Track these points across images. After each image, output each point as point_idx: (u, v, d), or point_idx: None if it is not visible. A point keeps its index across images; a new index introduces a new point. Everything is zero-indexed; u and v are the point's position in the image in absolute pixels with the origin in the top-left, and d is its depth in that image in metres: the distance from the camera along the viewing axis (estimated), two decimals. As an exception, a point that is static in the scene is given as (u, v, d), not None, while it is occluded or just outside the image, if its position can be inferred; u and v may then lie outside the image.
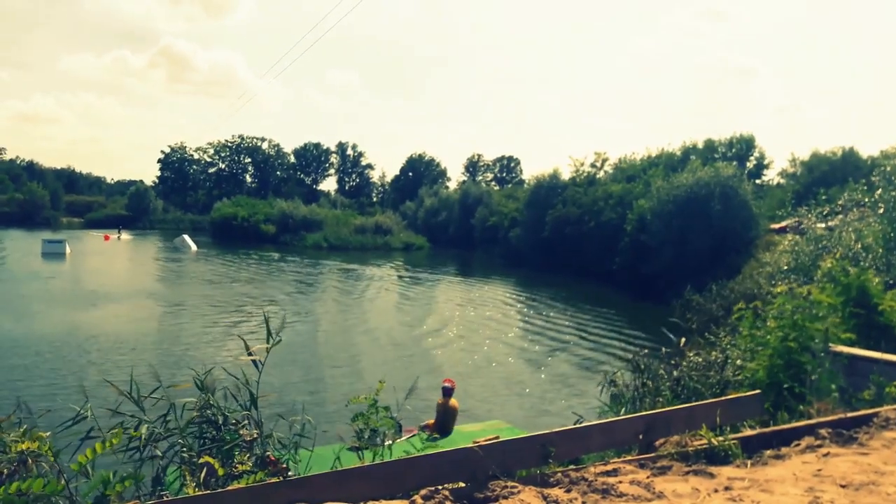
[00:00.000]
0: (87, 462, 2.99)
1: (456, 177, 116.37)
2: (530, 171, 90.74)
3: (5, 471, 3.54)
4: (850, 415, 4.50)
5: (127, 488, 3.26)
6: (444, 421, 11.51)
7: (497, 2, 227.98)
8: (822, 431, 4.12)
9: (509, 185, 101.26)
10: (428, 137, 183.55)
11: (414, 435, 11.07)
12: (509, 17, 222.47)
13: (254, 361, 4.45)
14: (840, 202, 21.66)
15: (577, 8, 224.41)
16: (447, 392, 11.71)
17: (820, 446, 3.95)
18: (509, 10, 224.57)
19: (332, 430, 7.03)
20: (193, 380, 4.44)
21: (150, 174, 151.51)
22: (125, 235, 75.29)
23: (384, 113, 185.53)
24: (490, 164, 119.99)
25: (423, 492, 3.15)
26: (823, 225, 21.25)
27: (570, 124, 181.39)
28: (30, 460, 3.48)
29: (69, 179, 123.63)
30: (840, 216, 20.40)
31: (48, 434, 3.33)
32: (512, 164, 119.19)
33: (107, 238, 66.50)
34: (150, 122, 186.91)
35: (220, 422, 4.20)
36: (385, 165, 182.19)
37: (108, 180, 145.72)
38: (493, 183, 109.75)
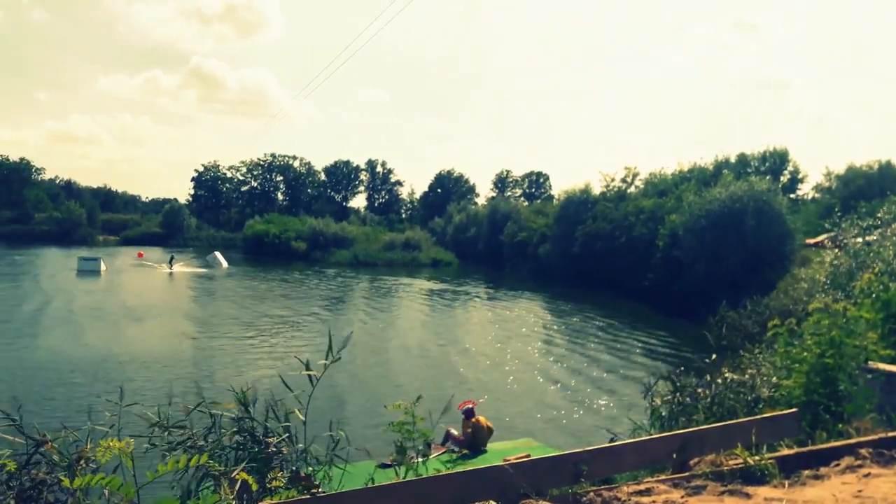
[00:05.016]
0: (161, 474, 3.03)
1: (485, 192, 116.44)
2: (559, 187, 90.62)
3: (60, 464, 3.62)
4: (890, 434, 4.39)
5: None
6: (474, 439, 11.46)
7: (524, 18, 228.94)
8: (863, 451, 4.02)
9: (538, 201, 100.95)
10: (456, 153, 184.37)
11: (444, 452, 11.05)
12: (536, 34, 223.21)
13: (309, 377, 4.49)
14: (879, 216, 21.22)
15: (606, 23, 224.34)
16: (469, 413, 11.69)
17: (860, 466, 3.86)
18: (536, 26, 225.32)
19: (363, 447, 7.03)
20: (237, 395, 4.48)
21: (183, 192, 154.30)
22: (180, 266, 57.43)
23: (413, 130, 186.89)
24: (519, 179, 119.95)
25: (454, 509, 3.15)
26: (861, 240, 20.81)
27: (599, 139, 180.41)
28: (82, 462, 3.56)
29: (105, 198, 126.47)
30: (879, 230, 19.96)
31: (133, 440, 3.40)
32: (541, 180, 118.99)
33: (140, 255, 67.52)
34: (184, 141, 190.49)
35: (260, 435, 4.23)
36: (414, 182, 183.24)
37: (143, 198, 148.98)
38: (521, 198, 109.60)
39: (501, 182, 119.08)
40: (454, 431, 11.59)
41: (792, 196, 53.64)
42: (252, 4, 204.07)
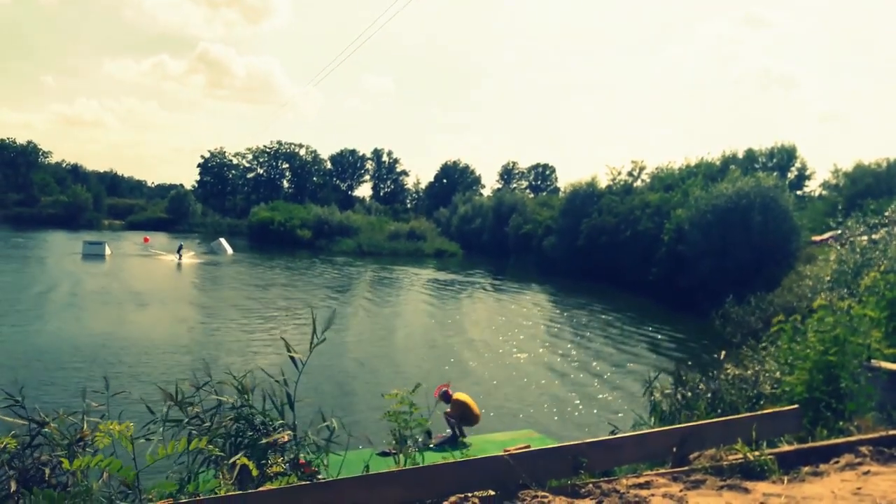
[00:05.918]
0: (161, 457, 3.05)
1: (490, 184, 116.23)
2: (565, 180, 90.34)
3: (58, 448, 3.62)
4: (891, 432, 4.38)
5: (208, 488, 3.32)
6: (463, 414, 11.57)
7: (532, 10, 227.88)
8: (863, 449, 4.02)
9: (544, 193, 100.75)
10: (463, 144, 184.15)
11: (445, 440, 11.11)
12: (544, 25, 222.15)
13: (293, 359, 4.49)
14: (887, 213, 21.14)
15: (615, 16, 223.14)
16: (446, 397, 11.76)
17: (860, 464, 3.85)
18: (544, 18, 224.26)
19: (363, 435, 7.04)
20: (234, 382, 4.49)
21: (189, 178, 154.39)
22: (189, 257, 53.42)
23: (419, 120, 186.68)
24: (525, 171, 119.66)
25: (452, 499, 3.16)
26: (867, 238, 20.73)
27: (606, 133, 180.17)
28: (82, 444, 3.57)
29: (112, 182, 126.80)
30: (885, 228, 19.89)
31: (132, 424, 3.41)
32: (547, 172, 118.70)
33: (146, 240, 67.62)
34: (190, 127, 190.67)
35: (258, 423, 4.25)
36: (419, 172, 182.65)
37: (149, 184, 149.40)
38: (527, 191, 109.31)
39: (507, 174, 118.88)
40: (447, 408, 11.70)
41: (799, 193, 53.31)
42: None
